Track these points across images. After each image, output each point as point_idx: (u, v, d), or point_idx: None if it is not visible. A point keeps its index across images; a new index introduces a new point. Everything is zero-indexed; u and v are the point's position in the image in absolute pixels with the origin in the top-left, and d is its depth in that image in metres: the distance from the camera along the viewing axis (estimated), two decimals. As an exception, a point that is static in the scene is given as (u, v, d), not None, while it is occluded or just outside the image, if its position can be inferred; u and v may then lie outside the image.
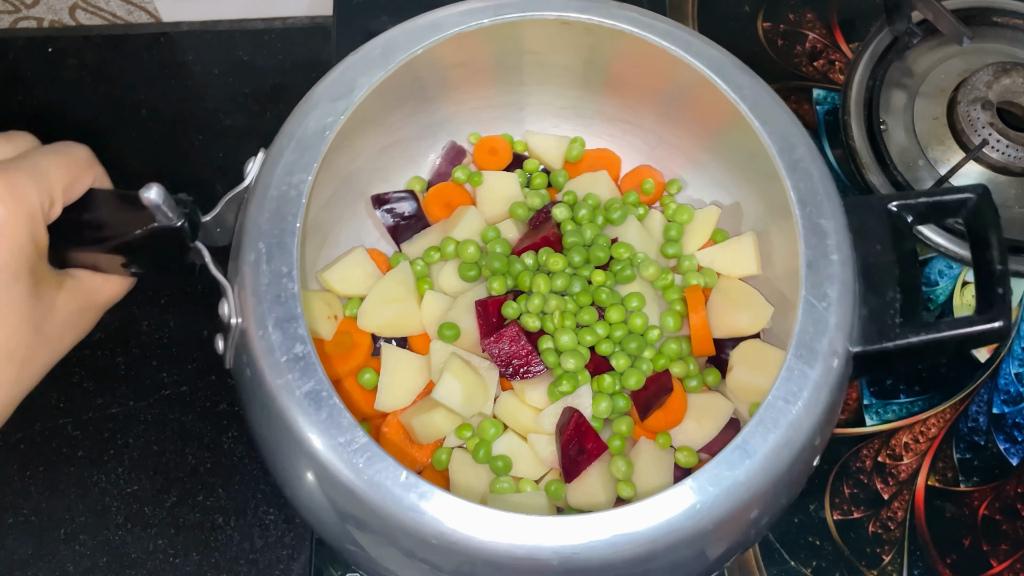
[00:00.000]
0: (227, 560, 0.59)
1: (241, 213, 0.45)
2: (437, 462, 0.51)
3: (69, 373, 0.64)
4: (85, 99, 0.74)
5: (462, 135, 0.60)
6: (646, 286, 0.55)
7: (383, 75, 0.47)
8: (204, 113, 0.74)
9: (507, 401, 0.52)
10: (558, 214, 0.56)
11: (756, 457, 0.39)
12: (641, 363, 0.52)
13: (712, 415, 0.52)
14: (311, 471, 0.41)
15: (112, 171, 0.43)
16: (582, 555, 0.38)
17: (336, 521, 0.42)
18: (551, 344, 0.51)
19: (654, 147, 0.59)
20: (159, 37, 0.78)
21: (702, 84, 0.48)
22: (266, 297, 0.42)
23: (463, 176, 0.58)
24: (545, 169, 0.60)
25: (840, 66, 0.73)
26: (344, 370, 0.53)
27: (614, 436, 0.51)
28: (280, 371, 0.40)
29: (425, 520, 0.38)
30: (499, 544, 0.38)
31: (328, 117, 0.46)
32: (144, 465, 0.61)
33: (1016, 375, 0.62)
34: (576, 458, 0.49)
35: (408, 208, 0.57)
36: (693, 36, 0.49)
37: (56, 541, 0.59)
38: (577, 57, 0.54)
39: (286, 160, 0.45)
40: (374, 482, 0.38)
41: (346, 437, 0.39)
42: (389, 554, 0.42)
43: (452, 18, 0.49)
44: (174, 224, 0.42)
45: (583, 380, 0.51)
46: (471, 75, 0.55)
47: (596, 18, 0.49)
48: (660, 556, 0.39)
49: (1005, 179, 0.66)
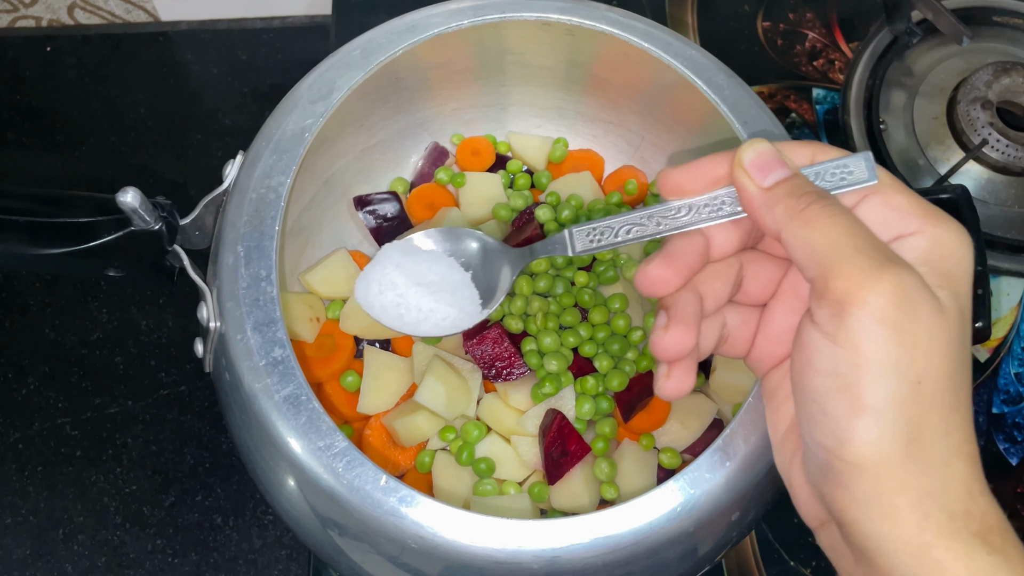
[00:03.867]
0: (226, 560, 0.59)
1: (220, 216, 0.45)
2: (420, 465, 0.51)
3: (67, 373, 0.64)
4: (83, 98, 0.74)
5: (445, 136, 0.60)
6: (629, 287, 0.55)
7: (363, 76, 0.47)
8: (203, 112, 0.74)
9: (490, 403, 0.52)
10: (541, 215, 0.55)
11: (737, 459, 0.39)
12: (624, 364, 0.52)
13: (695, 416, 0.52)
14: (291, 476, 0.41)
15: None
16: (564, 558, 0.38)
17: (318, 527, 0.42)
18: (534, 346, 0.51)
19: (637, 147, 0.59)
20: (158, 36, 0.78)
21: (683, 85, 0.48)
22: (245, 301, 0.41)
23: (446, 177, 0.58)
24: (528, 170, 0.60)
25: (840, 66, 0.73)
26: (326, 373, 0.53)
27: (597, 438, 0.51)
28: (259, 375, 0.40)
29: (406, 525, 0.38)
30: (480, 548, 0.38)
31: (307, 119, 0.46)
32: (142, 465, 0.61)
33: (1016, 375, 0.62)
34: (559, 460, 0.49)
35: (391, 209, 0.57)
36: (673, 37, 0.49)
37: (54, 541, 0.59)
38: (559, 58, 0.54)
39: (265, 163, 0.45)
40: (354, 486, 0.38)
41: (325, 441, 0.39)
42: (371, 559, 0.42)
43: (432, 19, 0.49)
44: (151, 228, 0.41)
45: (566, 382, 0.51)
46: (453, 76, 0.55)
47: (576, 19, 0.49)
48: (642, 558, 0.39)
49: (1005, 179, 0.66)
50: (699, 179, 0.34)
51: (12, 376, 0.64)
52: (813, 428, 0.30)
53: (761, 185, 0.32)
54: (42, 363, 0.64)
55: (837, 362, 0.29)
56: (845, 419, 0.29)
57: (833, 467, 0.30)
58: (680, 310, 0.33)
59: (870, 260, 0.29)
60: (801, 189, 0.31)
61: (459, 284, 0.43)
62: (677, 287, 0.33)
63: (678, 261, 0.33)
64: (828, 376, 0.29)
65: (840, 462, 0.29)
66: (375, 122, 0.54)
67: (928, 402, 0.29)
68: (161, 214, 0.42)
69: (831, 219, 0.30)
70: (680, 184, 0.34)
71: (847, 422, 0.29)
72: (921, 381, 0.29)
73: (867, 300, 0.28)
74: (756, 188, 0.32)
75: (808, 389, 0.30)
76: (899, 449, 0.28)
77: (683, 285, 0.34)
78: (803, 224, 0.30)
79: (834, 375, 0.29)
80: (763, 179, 0.32)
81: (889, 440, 0.28)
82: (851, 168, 0.32)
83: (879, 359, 0.28)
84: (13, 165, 0.71)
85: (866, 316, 0.28)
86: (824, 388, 0.30)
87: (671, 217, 0.34)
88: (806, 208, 0.31)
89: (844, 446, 0.29)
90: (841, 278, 0.29)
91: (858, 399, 0.29)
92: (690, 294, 0.34)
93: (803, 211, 0.31)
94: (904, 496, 0.28)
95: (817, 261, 0.30)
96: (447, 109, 0.58)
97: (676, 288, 0.33)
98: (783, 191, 0.32)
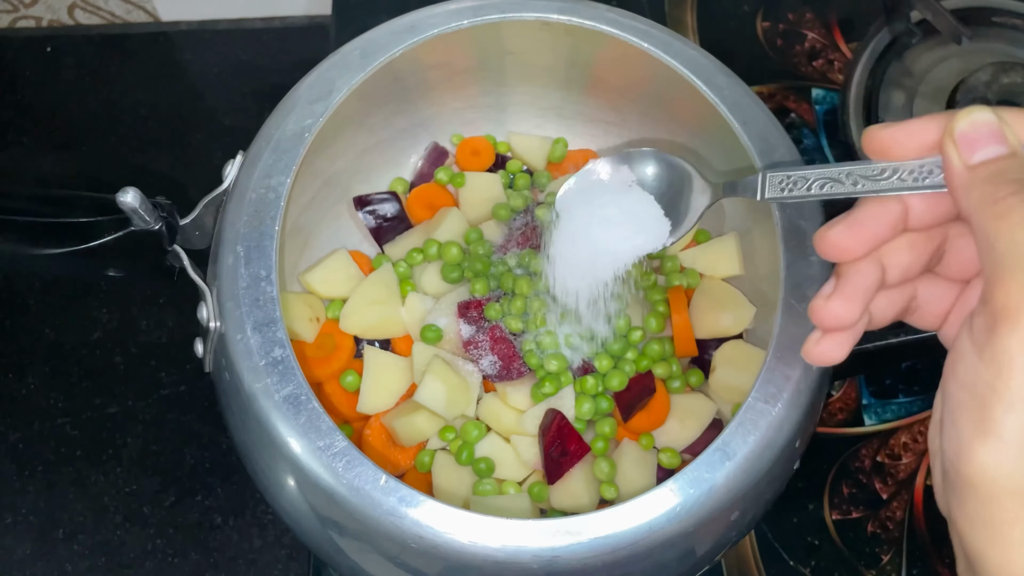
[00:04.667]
0: (226, 560, 0.59)
1: (220, 216, 0.45)
2: (420, 464, 0.51)
3: (67, 372, 0.64)
4: (83, 98, 0.74)
5: (444, 136, 0.60)
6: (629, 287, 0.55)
7: (362, 77, 0.47)
8: (203, 112, 0.74)
9: (490, 403, 0.52)
10: (541, 215, 0.55)
11: (736, 459, 0.39)
12: (624, 364, 0.52)
13: (695, 416, 0.52)
14: (291, 476, 0.41)
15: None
16: (563, 558, 0.38)
17: (317, 527, 0.42)
18: (534, 346, 0.51)
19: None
20: (158, 36, 0.78)
21: (682, 85, 0.48)
22: (244, 301, 0.42)
23: (445, 177, 0.58)
24: (528, 170, 0.60)
25: (839, 66, 0.73)
26: (326, 372, 0.53)
27: (597, 438, 0.51)
28: (259, 375, 0.40)
29: (405, 524, 0.38)
30: (480, 548, 0.38)
31: (307, 119, 0.46)
32: (142, 465, 0.61)
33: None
34: (559, 460, 0.49)
35: (390, 209, 0.57)
36: (673, 37, 0.49)
37: (54, 541, 0.59)
38: (559, 58, 0.54)
39: (264, 163, 0.45)
40: (354, 486, 0.38)
41: (325, 441, 0.39)
42: (371, 559, 0.42)
43: (432, 19, 0.49)
44: (151, 228, 0.41)
45: (566, 382, 0.51)
46: (452, 76, 0.55)
47: (576, 19, 0.49)
48: (641, 558, 0.39)
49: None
50: (910, 141, 0.30)
51: (12, 376, 0.64)
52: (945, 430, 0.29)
53: (967, 162, 0.28)
54: (42, 363, 0.64)
55: (976, 377, 0.27)
56: (968, 437, 0.27)
57: (950, 474, 0.28)
58: (851, 282, 0.31)
59: None
60: (1007, 174, 0.28)
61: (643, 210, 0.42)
62: (857, 257, 0.31)
63: (865, 230, 0.31)
64: (964, 388, 0.28)
65: (956, 474, 0.28)
66: (375, 122, 0.54)
67: None
68: (161, 214, 0.42)
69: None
70: (888, 145, 0.31)
71: (969, 440, 0.27)
72: None
73: (1022, 324, 0.26)
74: (960, 164, 0.29)
75: (946, 392, 0.29)
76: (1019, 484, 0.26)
77: (866, 255, 0.31)
78: (993, 216, 0.27)
79: (970, 389, 0.27)
80: (970, 155, 0.28)
81: (1008, 471, 0.27)
82: None
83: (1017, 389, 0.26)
84: (13, 165, 0.71)
85: (1016, 341, 0.26)
86: (958, 398, 0.28)
87: (872, 178, 0.31)
88: (1004, 199, 0.27)
89: (962, 461, 0.27)
90: (1004, 289, 0.26)
91: (985, 422, 0.27)
92: (870, 265, 0.31)
93: (999, 201, 0.27)
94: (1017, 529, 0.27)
95: (992, 262, 0.27)
96: (447, 109, 0.58)
97: (856, 258, 0.31)
98: (986, 173, 0.28)
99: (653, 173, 0.42)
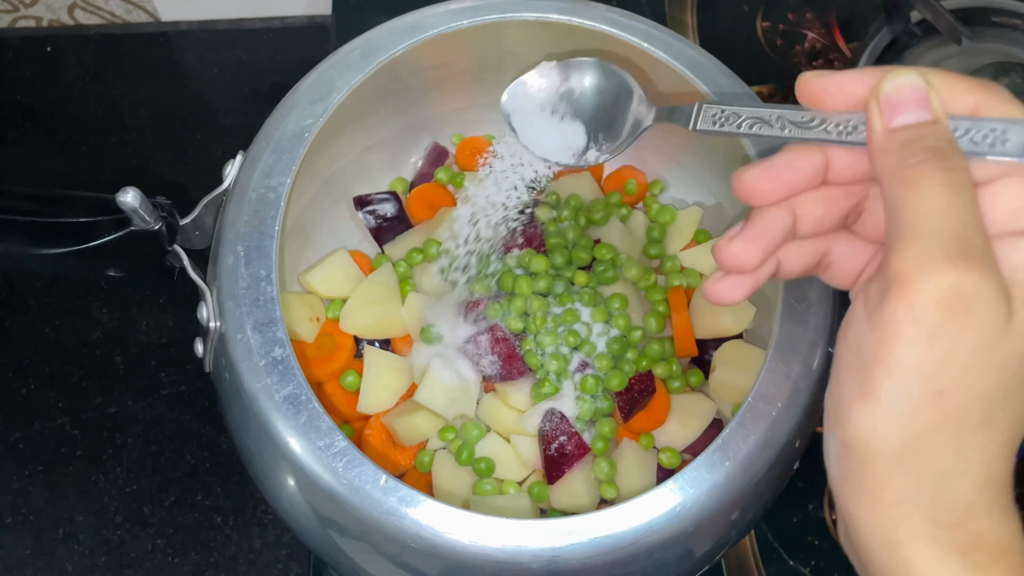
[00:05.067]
0: (226, 560, 0.59)
1: (220, 216, 0.45)
2: (420, 464, 0.51)
3: (67, 372, 0.64)
4: (83, 98, 0.74)
5: (444, 136, 0.60)
6: (629, 287, 0.55)
7: (362, 77, 0.47)
8: (203, 112, 0.74)
9: (490, 403, 0.52)
10: (541, 215, 0.55)
11: (736, 459, 0.39)
12: (624, 364, 0.52)
13: (695, 416, 0.52)
14: (291, 476, 0.41)
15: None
16: (563, 558, 0.38)
17: (317, 526, 0.42)
18: (534, 346, 0.51)
19: (637, 147, 0.59)
20: (158, 36, 0.78)
21: (682, 85, 0.48)
22: (244, 301, 0.42)
23: (445, 177, 0.58)
24: (528, 170, 0.60)
25: (839, 66, 0.73)
26: (326, 372, 0.53)
27: (597, 438, 0.51)
28: (259, 375, 0.40)
29: (405, 524, 0.38)
30: (480, 548, 0.38)
31: (307, 119, 0.46)
32: (143, 464, 0.61)
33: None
34: (559, 460, 0.49)
35: (390, 209, 0.57)
36: (673, 37, 0.49)
37: (55, 540, 0.59)
38: (559, 58, 0.54)
39: (264, 163, 0.45)
40: (354, 486, 0.38)
41: (325, 441, 0.39)
42: (371, 559, 0.42)
43: (432, 19, 0.49)
44: (151, 228, 0.41)
45: (565, 381, 0.51)
46: (452, 76, 0.55)
47: (576, 19, 0.49)
48: (642, 557, 0.39)
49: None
50: (839, 93, 0.30)
51: (12, 376, 0.64)
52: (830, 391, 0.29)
53: (888, 125, 0.28)
54: (42, 363, 0.64)
55: (862, 341, 0.27)
56: (849, 398, 0.28)
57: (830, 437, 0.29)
58: (757, 226, 0.31)
59: (941, 249, 0.26)
60: (922, 141, 0.27)
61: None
62: (770, 202, 0.31)
63: (781, 176, 0.31)
64: (850, 351, 0.28)
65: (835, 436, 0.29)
66: (375, 122, 0.54)
67: (946, 415, 0.27)
68: (161, 214, 0.42)
69: (933, 187, 0.26)
70: (818, 94, 0.31)
71: (850, 402, 0.28)
72: (943, 392, 0.26)
73: (910, 292, 0.26)
74: (880, 126, 0.28)
75: (836, 354, 0.29)
76: (892, 448, 0.27)
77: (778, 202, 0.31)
78: (901, 183, 0.27)
79: (856, 352, 0.28)
80: (892, 118, 0.28)
81: (882, 435, 0.27)
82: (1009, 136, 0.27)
83: (899, 356, 0.26)
84: (13, 165, 0.71)
85: (903, 309, 0.26)
86: (844, 360, 0.28)
87: (799, 124, 0.31)
88: (915, 166, 0.27)
89: (841, 423, 0.28)
90: (899, 258, 0.26)
91: (865, 386, 0.27)
92: (780, 212, 0.31)
93: (908, 168, 0.27)
94: (888, 492, 0.28)
95: (893, 228, 0.27)
96: (447, 109, 0.58)
97: (769, 203, 0.31)
98: (903, 138, 0.28)
99: (595, 84, 0.42)
